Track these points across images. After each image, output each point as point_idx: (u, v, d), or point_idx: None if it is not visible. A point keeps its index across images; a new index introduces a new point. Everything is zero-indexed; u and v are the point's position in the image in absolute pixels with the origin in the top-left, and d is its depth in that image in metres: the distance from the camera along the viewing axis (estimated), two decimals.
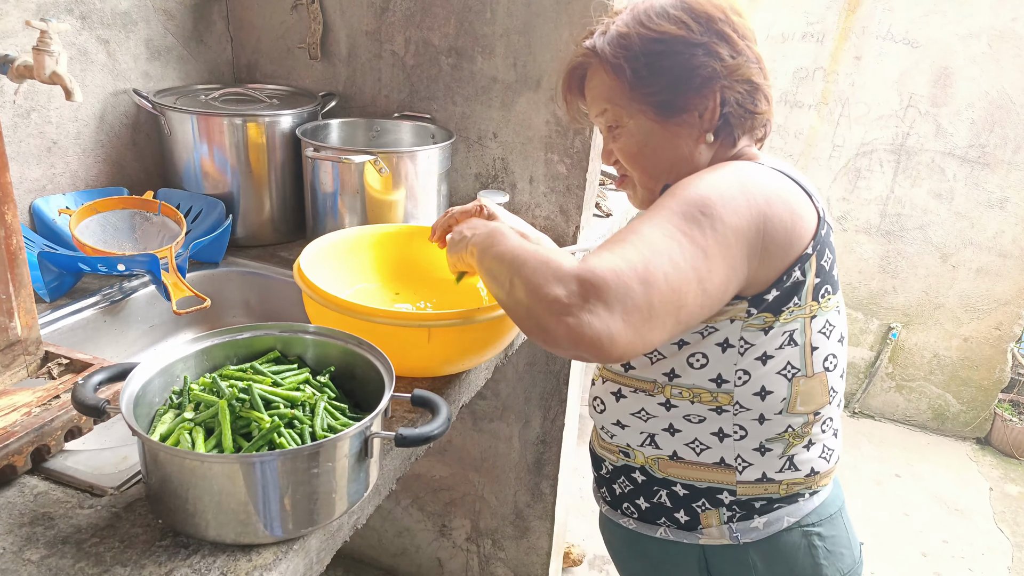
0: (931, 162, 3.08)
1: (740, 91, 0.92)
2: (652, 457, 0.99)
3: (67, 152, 1.41)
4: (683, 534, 0.99)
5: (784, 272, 0.86)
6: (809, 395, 0.93)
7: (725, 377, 0.91)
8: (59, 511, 0.78)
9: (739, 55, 0.91)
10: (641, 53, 0.91)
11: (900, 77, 3.02)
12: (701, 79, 0.90)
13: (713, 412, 0.93)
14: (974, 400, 3.32)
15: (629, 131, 0.96)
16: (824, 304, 0.91)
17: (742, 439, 0.94)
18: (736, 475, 0.95)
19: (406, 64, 1.66)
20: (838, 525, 1.00)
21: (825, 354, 0.93)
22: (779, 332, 0.89)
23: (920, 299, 3.29)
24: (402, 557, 2.23)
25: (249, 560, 0.74)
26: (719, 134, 0.94)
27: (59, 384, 0.90)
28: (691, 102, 0.92)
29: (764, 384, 0.91)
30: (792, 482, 0.96)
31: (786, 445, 0.94)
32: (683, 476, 0.97)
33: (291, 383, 0.85)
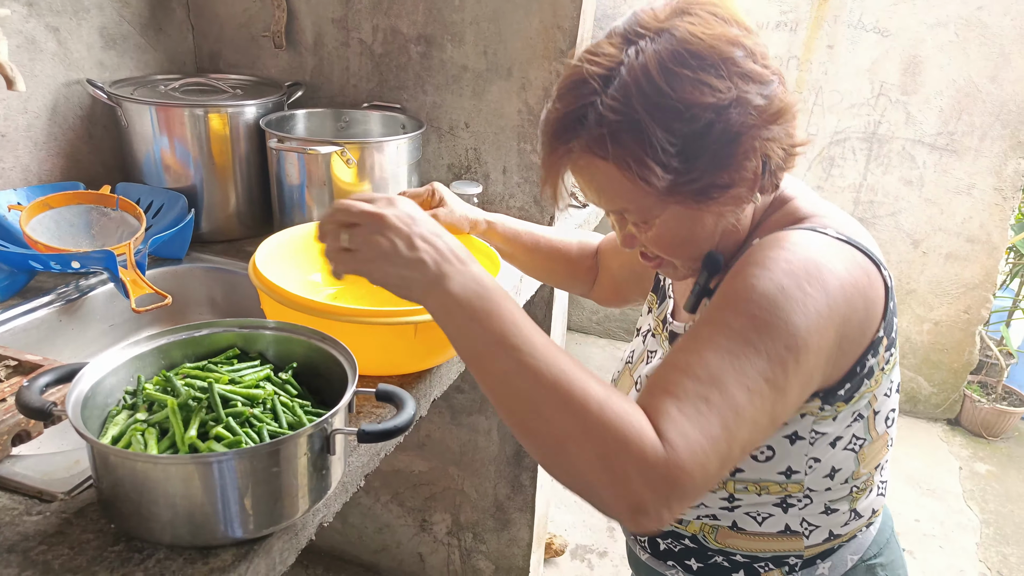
0: (902, 150, 3.11)
1: (779, 134, 0.76)
2: (708, 527, 0.89)
3: (16, 145, 1.36)
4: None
5: (856, 363, 0.77)
6: (872, 456, 0.86)
7: (795, 468, 0.82)
8: (4, 518, 0.74)
9: (766, 88, 0.74)
10: (667, 141, 0.71)
11: (871, 66, 3.04)
12: (741, 146, 0.73)
13: (778, 499, 0.85)
14: (945, 382, 3.37)
15: (664, 224, 0.80)
16: (889, 368, 0.82)
17: (806, 506, 0.85)
18: (804, 540, 0.86)
19: (374, 52, 1.62)
20: (893, 549, 0.95)
21: (886, 413, 0.85)
22: (848, 413, 0.81)
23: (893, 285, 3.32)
24: (383, 553, 2.21)
25: (206, 563, 0.71)
26: (765, 190, 0.80)
27: (6, 387, 0.87)
28: (735, 175, 0.75)
29: (833, 464, 0.83)
30: (854, 530, 0.90)
31: (851, 501, 0.87)
32: (744, 547, 0.88)
33: (251, 380, 0.82)
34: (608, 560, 2.41)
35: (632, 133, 0.72)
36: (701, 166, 0.73)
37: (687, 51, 0.71)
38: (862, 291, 0.74)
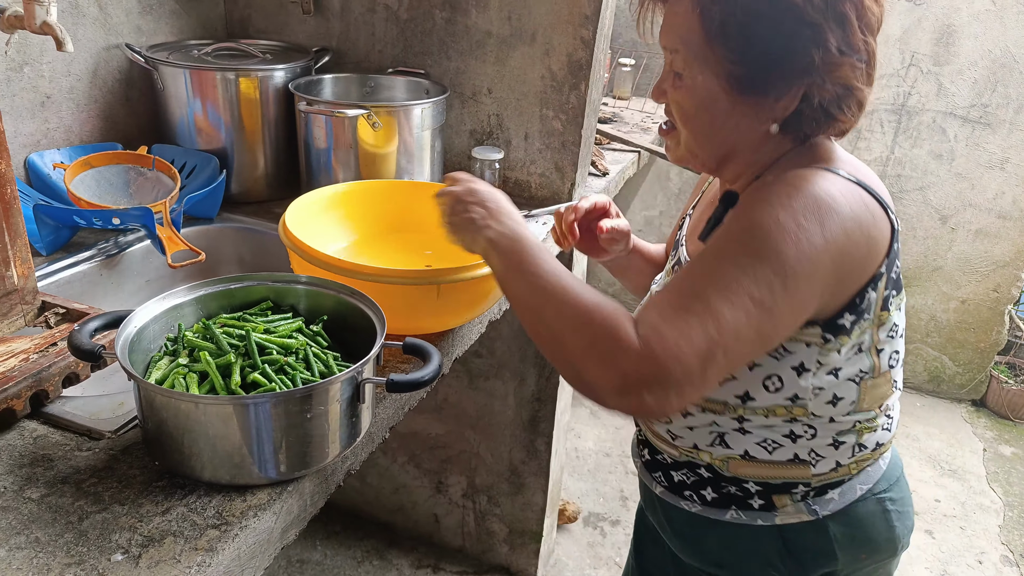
0: (932, 122, 3.06)
1: (830, 92, 0.79)
2: (721, 457, 0.93)
3: (60, 107, 1.40)
4: (758, 515, 0.94)
5: (856, 295, 0.82)
6: (876, 394, 0.90)
7: (801, 396, 0.87)
8: (58, 453, 0.79)
9: (849, 51, 0.77)
10: (742, 6, 0.77)
11: (903, 35, 2.97)
12: (792, 68, 0.77)
13: (785, 422, 0.90)
14: (970, 362, 3.34)
15: (691, 87, 0.83)
16: (892, 310, 0.87)
17: (813, 437, 0.90)
18: (811, 469, 0.91)
19: (400, 18, 1.64)
20: (903, 486, 0.99)
21: (890, 352, 0.90)
22: (850, 346, 0.85)
23: (918, 261, 3.29)
24: (399, 513, 2.28)
25: (244, 500, 0.76)
26: (786, 127, 0.83)
27: (56, 332, 0.92)
28: (771, 85, 0.79)
29: (836, 392, 0.88)
30: (861, 459, 0.94)
31: (856, 435, 0.92)
32: (756, 475, 0.93)
33: (284, 331, 0.86)
34: (620, 528, 2.46)
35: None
36: (751, 51, 0.78)
37: None
38: (865, 228, 0.78)
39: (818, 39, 0.76)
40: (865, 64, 0.79)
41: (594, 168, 1.85)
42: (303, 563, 2.17)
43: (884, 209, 0.81)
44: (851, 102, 0.81)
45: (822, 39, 0.76)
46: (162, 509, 0.73)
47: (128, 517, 0.72)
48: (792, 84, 0.79)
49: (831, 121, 0.82)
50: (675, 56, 0.85)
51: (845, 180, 0.79)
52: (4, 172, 0.89)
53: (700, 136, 0.87)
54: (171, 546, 0.69)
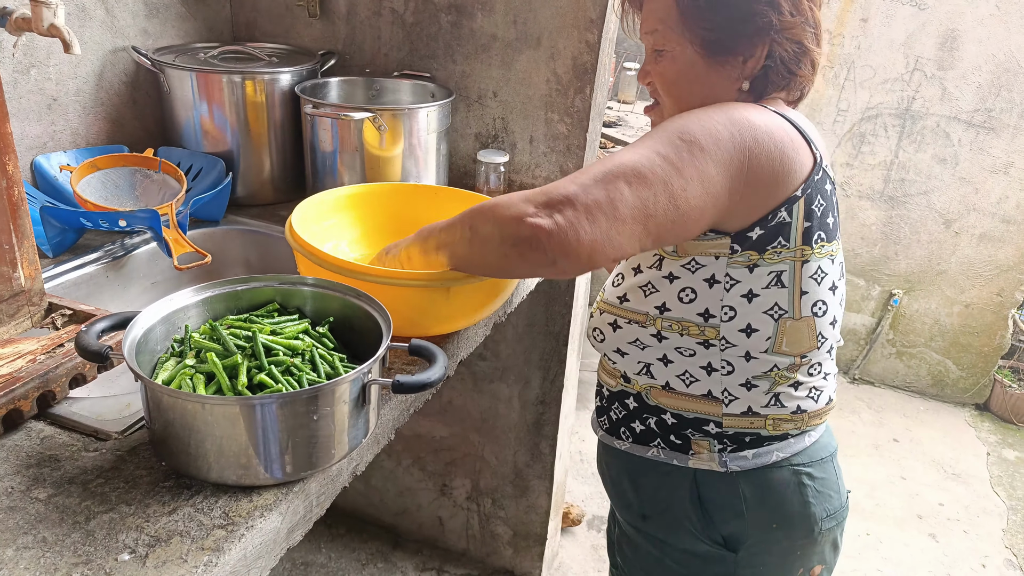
0: (936, 127, 3.06)
1: (788, 50, 0.93)
2: (646, 385, 1.02)
3: (67, 109, 1.41)
4: (674, 455, 1.02)
5: (769, 212, 0.89)
6: (795, 338, 0.95)
7: (712, 312, 0.94)
8: (65, 454, 0.80)
9: (799, 15, 0.92)
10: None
11: (907, 40, 2.98)
12: (755, 27, 0.92)
13: (701, 346, 0.96)
14: (974, 366, 3.34)
15: (672, 57, 0.97)
16: (817, 251, 0.93)
17: (729, 374, 0.97)
18: (722, 407, 0.98)
19: (406, 22, 1.64)
20: (828, 469, 1.02)
21: (814, 299, 0.95)
22: (765, 271, 0.92)
23: (922, 265, 3.28)
24: (403, 516, 2.28)
25: (250, 501, 0.76)
26: (755, 85, 0.96)
27: (63, 334, 0.92)
28: (739, 46, 0.94)
29: (750, 322, 0.94)
30: (778, 418, 0.98)
31: (772, 383, 0.97)
32: (673, 406, 1.01)
33: (290, 332, 0.87)
34: None
35: None
36: (718, 19, 0.93)
37: None
38: (777, 142, 0.87)
39: (773, 3, 0.91)
40: (813, 29, 0.94)
41: None
42: (307, 565, 2.17)
43: (808, 143, 0.91)
44: (805, 60, 0.95)
45: (776, 3, 0.91)
46: (169, 509, 0.73)
47: (135, 517, 0.72)
48: (756, 43, 0.93)
49: (791, 77, 0.96)
50: (656, 36, 0.98)
51: (771, 112, 0.91)
52: (11, 174, 0.89)
53: (681, 100, 0.99)
54: (178, 546, 0.69)
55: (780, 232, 0.90)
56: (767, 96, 0.98)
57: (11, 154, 0.89)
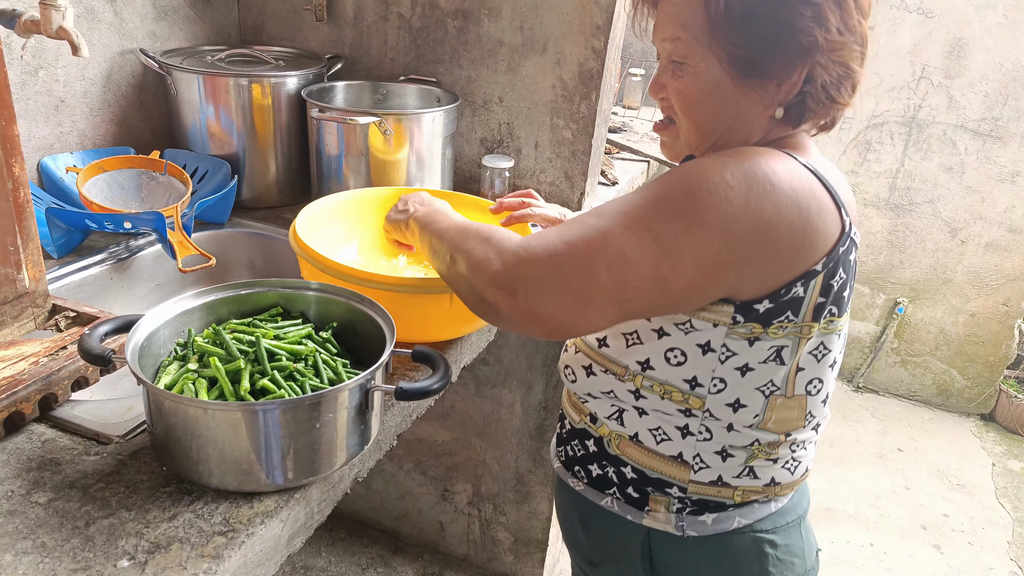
0: (943, 135, 3.05)
1: (832, 74, 0.79)
2: (614, 432, 0.93)
3: (74, 111, 1.41)
4: (629, 509, 0.93)
5: (783, 286, 0.78)
6: (784, 416, 0.86)
7: (700, 381, 0.84)
8: (66, 457, 0.79)
9: (847, 32, 0.78)
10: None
11: (913, 48, 2.97)
12: (797, 47, 0.77)
13: (681, 412, 0.87)
14: (979, 376, 3.32)
15: (695, 73, 0.82)
16: (824, 326, 0.83)
17: (705, 441, 0.87)
18: (690, 473, 0.88)
19: (412, 27, 1.64)
20: (794, 534, 0.93)
21: (810, 377, 0.86)
22: (765, 346, 0.82)
23: (928, 274, 3.27)
24: (404, 520, 2.27)
25: (251, 507, 0.75)
26: (789, 112, 0.83)
27: (66, 336, 0.92)
28: (775, 68, 0.79)
29: (739, 396, 0.84)
30: (749, 489, 0.89)
31: (749, 456, 0.88)
32: (637, 460, 0.91)
33: (293, 337, 0.86)
34: None
35: None
36: (755, 34, 0.78)
37: None
38: (804, 212, 0.75)
39: (820, 18, 0.76)
40: (860, 46, 0.80)
41: (603, 178, 1.84)
42: (307, 569, 2.16)
43: (838, 208, 0.79)
44: (848, 84, 0.81)
45: (824, 18, 0.76)
46: (169, 515, 0.73)
47: (135, 523, 0.72)
48: (795, 65, 0.79)
49: (832, 104, 0.82)
50: (676, 45, 0.83)
51: (801, 166, 0.78)
52: (17, 176, 0.89)
53: (702, 125, 0.85)
54: (177, 553, 0.69)
55: (791, 307, 0.79)
56: (800, 124, 0.85)
57: (17, 156, 0.89)
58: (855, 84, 0.82)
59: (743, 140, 0.85)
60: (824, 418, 0.91)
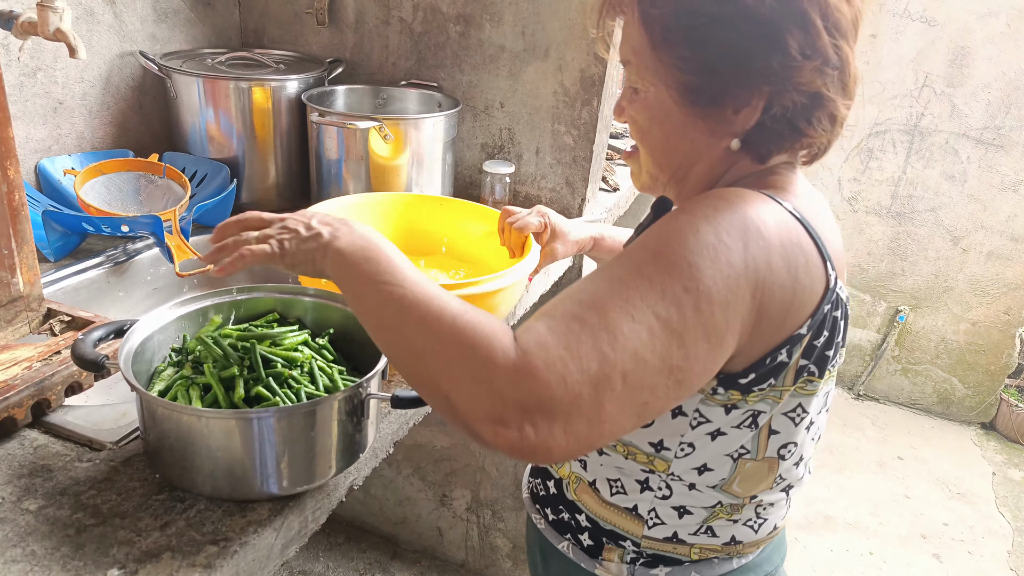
0: (945, 143, 3.04)
1: (795, 102, 0.70)
2: (574, 475, 0.87)
3: (73, 113, 1.41)
4: (583, 557, 0.87)
5: (769, 353, 0.69)
6: (751, 479, 0.80)
7: (667, 445, 0.77)
8: (58, 463, 0.79)
9: (814, 55, 0.68)
10: (686, 9, 0.69)
11: (916, 56, 2.97)
12: (748, 74, 0.69)
13: (642, 471, 0.81)
14: (980, 385, 3.31)
15: (646, 99, 0.76)
16: (801, 387, 0.74)
17: (664, 499, 0.81)
18: (644, 528, 0.83)
19: (414, 31, 1.64)
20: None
21: (784, 441, 0.78)
22: (741, 412, 0.74)
23: (929, 282, 3.26)
24: (402, 526, 2.26)
25: (244, 516, 0.74)
26: (748, 144, 0.74)
27: (60, 340, 0.91)
28: (727, 95, 0.71)
29: (707, 461, 0.78)
30: (706, 547, 0.83)
31: (710, 515, 0.81)
32: (591, 509, 0.86)
33: (289, 344, 0.86)
34: None
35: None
36: (700, 58, 0.70)
37: None
38: (792, 267, 0.67)
39: (776, 39, 0.67)
40: (837, 72, 0.70)
41: (605, 183, 1.84)
42: (305, 574, 2.15)
43: (824, 261, 0.69)
44: (821, 114, 0.71)
45: (779, 41, 0.67)
46: (161, 523, 0.72)
47: (126, 531, 0.71)
48: (751, 93, 0.70)
49: (798, 136, 0.73)
50: (628, 68, 0.78)
51: (786, 212, 0.69)
52: (12, 178, 0.89)
53: (657, 154, 0.79)
54: (168, 562, 0.68)
55: (773, 374, 0.71)
56: (770, 159, 0.76)
57: (12, 158, 0.89)
58: (832, 114, 0.72)
59: (706, 172, 0.78)
60: (799, 480, 0.84)
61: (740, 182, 0.77)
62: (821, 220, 0.73)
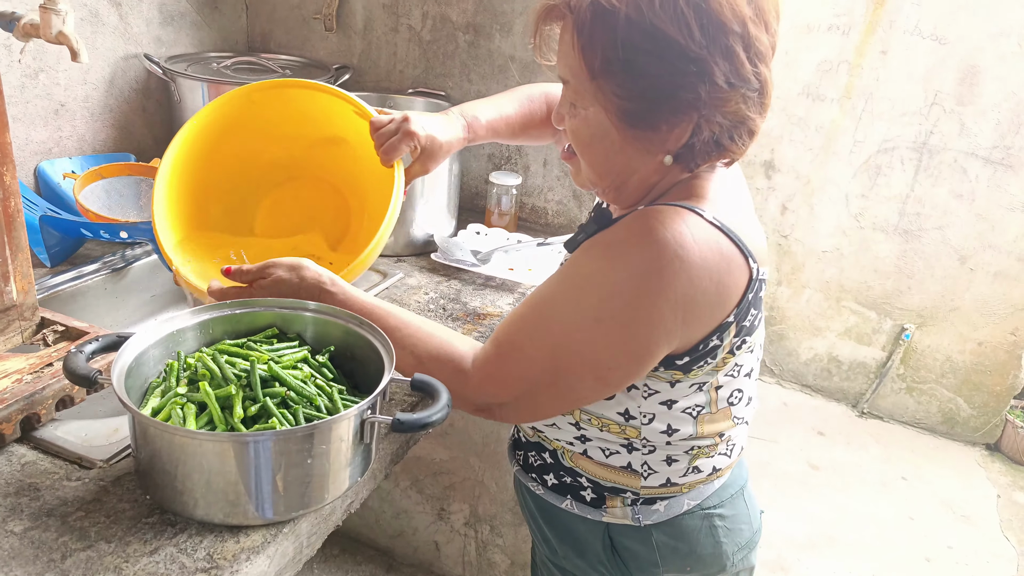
0: (953, 162, 3.02)
1: (721, 124, 0.79)
2: (564, 448, 0.97)
3: (74, 115, 1.39)
4: (588, 509, 0.98)
5: (701, 341, 0.82)
6: (713, 427, 0.92)
7: (632, 414, 0.89)
8: (46, 482, 0.76)
9: (739, 82, 0.76)
10: (622, 43, 0.75)
11: (926, 74, 2.94)
12: (679, 102, 0.77)
13: (621, 439, 0.92)
14: (985, 405, 3.27)
15: (585, 119, 0.83)
16: (738, 355, 0.88)
17: (650, 452, 0.92)
18: (641, 480, 0.94)
19: (422, 39, 1.62)
20: (738, 504, 1.00)
21: (730, 391, 0.91)
22: (686, 384, 0.87)
23: (935, 301, 3.23)
24: (399, 539, 2.23)
25: (237, 542, 0.72)
26: (678, 158, 0.83)
27: (53, 352, 0.88)
28: (660, 120, 0.79)
29: (670, 423, 0.90)
30: (695, 482, 0.96)
31: (691, 458, 0.93)
32: (590, 471, 0.96)
33: (289, 361, 0.83)
34: None
35: (604, 14, 0.75)
36: (635, 88, 0.77)
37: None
38: (715, 276, 0.78)
39: (703, 72, 0.74)
40: (757, 93, 0.78)
41: None
42: None
43: (745, 257, 0.80)
44: (743, 131, 0.81)
45: (707, 73, 0.74)
46: (150, 549, 0.69)
47: (113, 556, 0.68)
48: (682, 118, 0.78)
49: (722, 151, 0.82)
50: (568, 87, 0.84)
51: (706, 224, 0.79)
52: (8, 185, 0.86)
53: (596, 166, 0.86)
54: None
55: (708, 355, 0.84)
56: (697, 169, 0.85)
57: (9, 164, 0.86)
58: (752, 131, 0.81)
59: (642, 181, 0.86)
60: (752, 408, 0.97)
61: (669, 191, 0.86)
62: (741, 216, 0.84)
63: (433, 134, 1.10)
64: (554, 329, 0.82)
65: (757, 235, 0.86)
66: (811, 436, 3.26)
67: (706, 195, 0.84)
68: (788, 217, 3.37)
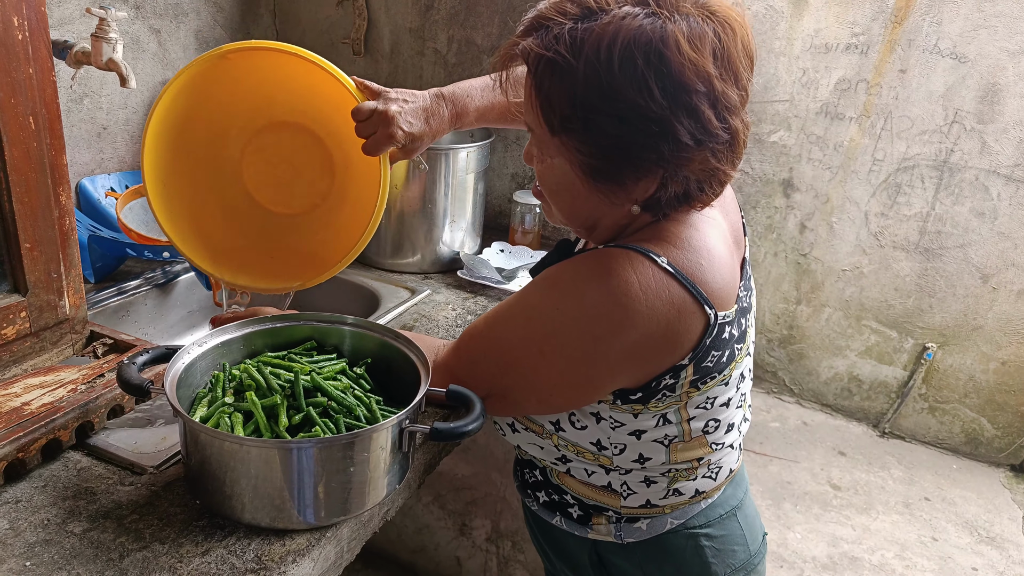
0: (975, 180, 3.02)
1: (688, 178, 0.77)
2: (551, 464, 0.98)
3: (116, 138, 1.44)
4: (575, 526, 0.99)
5: (654, 379, 0.82)
6: (688, 454, 0.90)
7: (604, 444, 0.90)
8: (101, 486, 0.79)
9: (706, 138, 0.74)
10: (580, 103, 0.73)
11: (946, 92, 2.96)
12: (643, 160, 0.75)
13: (598, 467, 0.93)
14: (1010, 426, 3.24)
15: (549, 166, 0.82)
16: (705, 389, 0.85)
17: (627, 474, 0.92)
18: (621, 500, 0.94)
19: (448, 62, 1.67)
20: (729, 525, 0.97)
21: (704, 421, 0.89)
22: (649, 416, 0.86)
23: (957, 320, 3.21)
24: (421, 554, 2.24)
25: (283, 545, 0.74)
26: (646, 208, 0.82)
27: (103, 363, 0.92)
28: (624, 176, 0.78)
29: (641, 452, 0.89)
30: (676, 504, 0.94)
31: (670, 481, 0.92)
32: (574, 489, 0.97)
33: (327, 373, 0.86)
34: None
35: (562, 73, 0.73)
36: (597, 147, 0.76)
37: (659, 51, 0.70)
38: (663, 324, 0.77)
39: (666, 132, 0.72)
40: (727, 145, 0.76)
41: None
42: None
43: (701, 304, 0.78)
44: (712, 182, 0.79)
45: (671, 132, 0.72)
46: (202, 550, 0.72)
47: (168, 556, 0.71)
48: (645, 174, 0.77)
49: (691, 201, 0.81)
50: (533, 135, 0.83)
51: (657, 271, 0.77)
52: (64, 204, 0.91)
53: (565, 211, 0.87)
54: None
55: (665, 390, 0.83)
56: (665, 217, 0.84)
57: (64, 184, 0.91)
58: (722, 180, 0.80)
59: (611, 225, 0.86)
60: (738, 434, 0.96)
61: (641, 230, 0.85)
62: (706, 258, 0.81)
63: (415, 133, 1.05)
64: (504, 350, 0.87)
65: (723, 275, 0.83)
66: (832, 456, 3.24)
67: (670, 239, 0.82)
68: (807, 236, 3.38)
